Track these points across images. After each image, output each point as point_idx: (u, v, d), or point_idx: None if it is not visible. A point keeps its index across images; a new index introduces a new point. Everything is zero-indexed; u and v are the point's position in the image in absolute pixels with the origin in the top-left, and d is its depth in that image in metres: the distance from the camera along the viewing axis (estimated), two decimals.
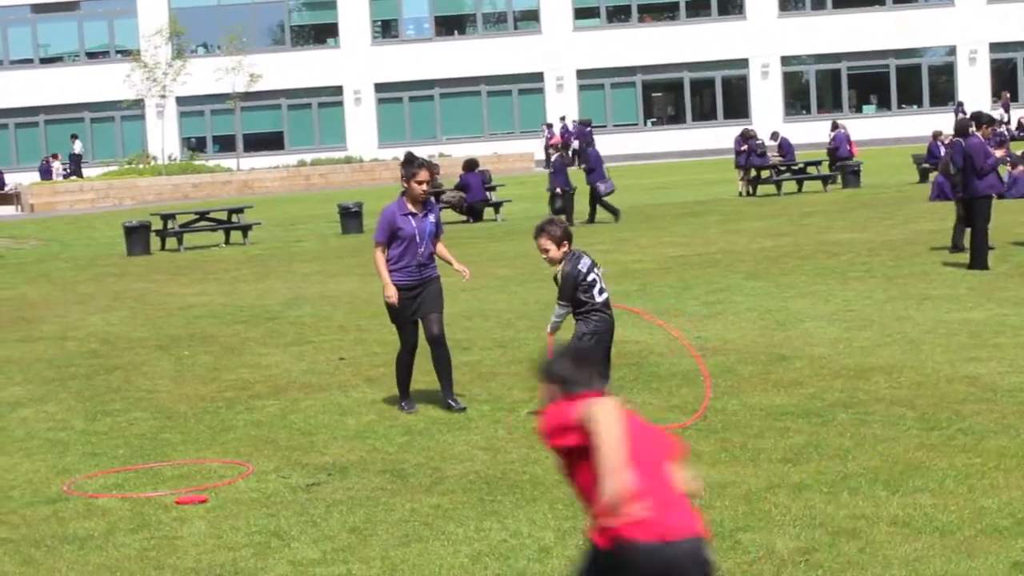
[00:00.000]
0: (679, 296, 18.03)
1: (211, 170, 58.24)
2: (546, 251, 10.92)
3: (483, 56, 65.37)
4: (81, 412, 12.82)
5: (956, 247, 20.78)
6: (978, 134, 20.05)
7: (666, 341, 14.75)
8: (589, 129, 53.78)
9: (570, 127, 61.86)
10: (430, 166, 12.03)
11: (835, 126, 42.02)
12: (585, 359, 5.40)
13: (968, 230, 19.88)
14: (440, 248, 12.11)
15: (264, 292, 22.26)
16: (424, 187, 11.82)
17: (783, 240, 24.55)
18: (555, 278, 11.00)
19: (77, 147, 62.86)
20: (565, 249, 10.88)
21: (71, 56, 68.22)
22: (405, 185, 11.89)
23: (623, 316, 16.62)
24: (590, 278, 10.80)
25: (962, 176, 19.70)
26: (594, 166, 32.26)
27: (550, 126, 63.03)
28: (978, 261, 19.10)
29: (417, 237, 11.79)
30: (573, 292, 10.75)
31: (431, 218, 11.95)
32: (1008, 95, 61.48)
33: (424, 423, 11.47)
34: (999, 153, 20.13)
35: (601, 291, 10.86)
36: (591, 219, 31.68)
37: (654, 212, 32.99)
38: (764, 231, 26.36)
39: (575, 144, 60.63)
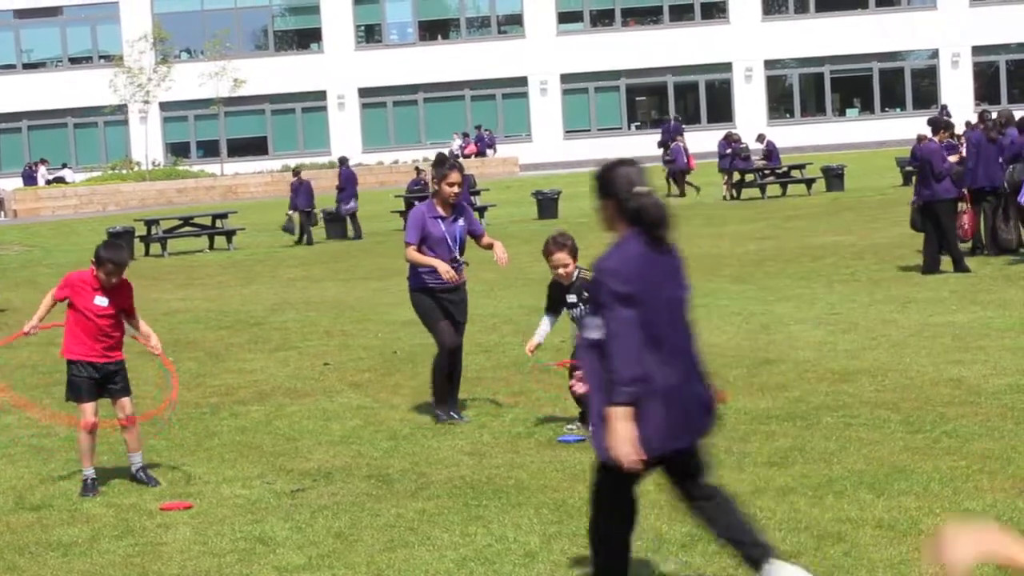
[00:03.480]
0: None
1: (195, 175, 58.19)
2: (565, 265, 10.57)
3: (467, 60, 65.38)
4: (65, 419, 12.77)
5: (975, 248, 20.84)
6: (935, 139, 20.14)
7: None
8: (681, 128, 53.48)
9: (485, 137, 62.17)
10: (461, 168, 11.73)
11: (674, 139, 42.65)
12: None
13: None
14: (486, 240, 11.97)
15: (248, 297, 22.23)
16: (455, 189, 11.49)
17: (767, 244, 24.58)
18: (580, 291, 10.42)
19: (67, 174, 62.48)
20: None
21: (54, 62, 68.08)
22: (436, 187, 11.60)
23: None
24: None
25: (919, 181, 19.76)
26: (344, 185, 34.56)
27: (465, 135, 63.14)
28: (959, 264, 19.14)
29: (448, 240, 11.58)
30: None
31: (461, 222, 11.69)
32: None
33: (409, 428, 11.46)
34: (953, 158, 20.36)
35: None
36: (357, 235, 33.86)
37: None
38: (748, 235, 26.40)
39: (488, 151, 60.87)
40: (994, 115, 21.97)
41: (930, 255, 19.29)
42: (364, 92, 66.24)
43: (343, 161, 36.72)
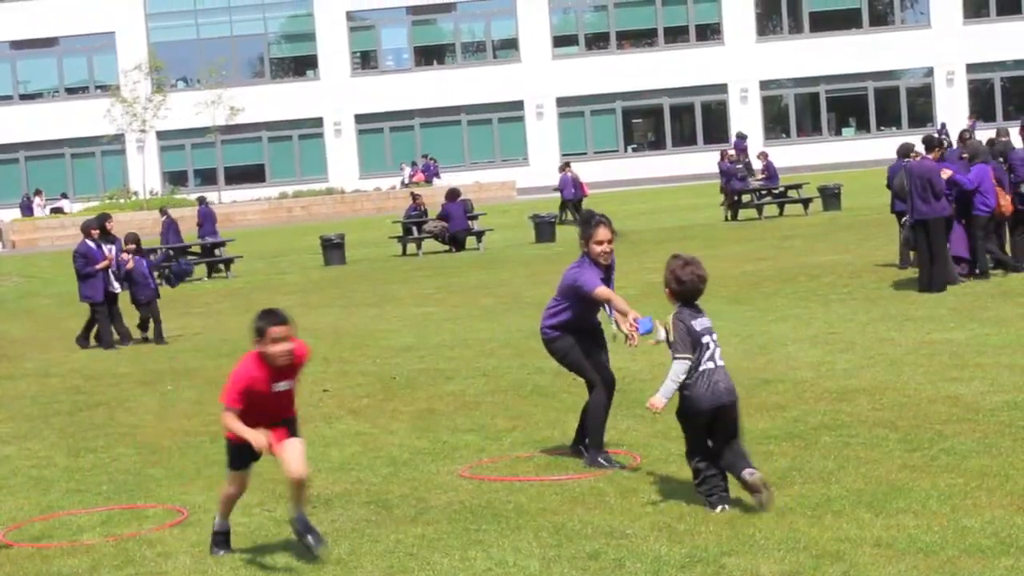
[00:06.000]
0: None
1: (192, 204, 58.19)
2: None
3: (463, 85, 65.55)
4: (64, 449, 12.79)
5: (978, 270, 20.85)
6: (930, 156, 20.17)
7: (649, 367, 14.76)
8: (745, 145, 54.20)
9: (431, 165, 62.05)
10: (610, 223, 10.53)
11: (563, 168, 43.47)
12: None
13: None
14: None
15: (247, 325, 22.21)
16: (605, 248, 10.42)
17: (764, 264, 24.60)
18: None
19: (65, 204, 62.44)
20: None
21: (51, 92, 68.24)
22: (584, 248, 10.51)
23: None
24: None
25: (913, 199, 19.65)
26: (202, 222, 36.01)
27: (413, 164, 63.23)
28: (939, 283, 19.11)
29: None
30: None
31: (612, 283, 10.68)
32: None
33: (408, 454, 11.46)
34: (945, 174, 20.47)
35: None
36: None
37: (636, 238, 33.02)
38: (745, 255, 26.42)
39: (434, 179, 60.57)
40: (976, 133, 22.08)
41: (926, 273, 19.32)
42: (360, 118, 66.39)
43: (201, 200, 38.77)
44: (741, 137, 56.19)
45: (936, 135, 24.41)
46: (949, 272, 19.53)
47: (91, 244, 21.09)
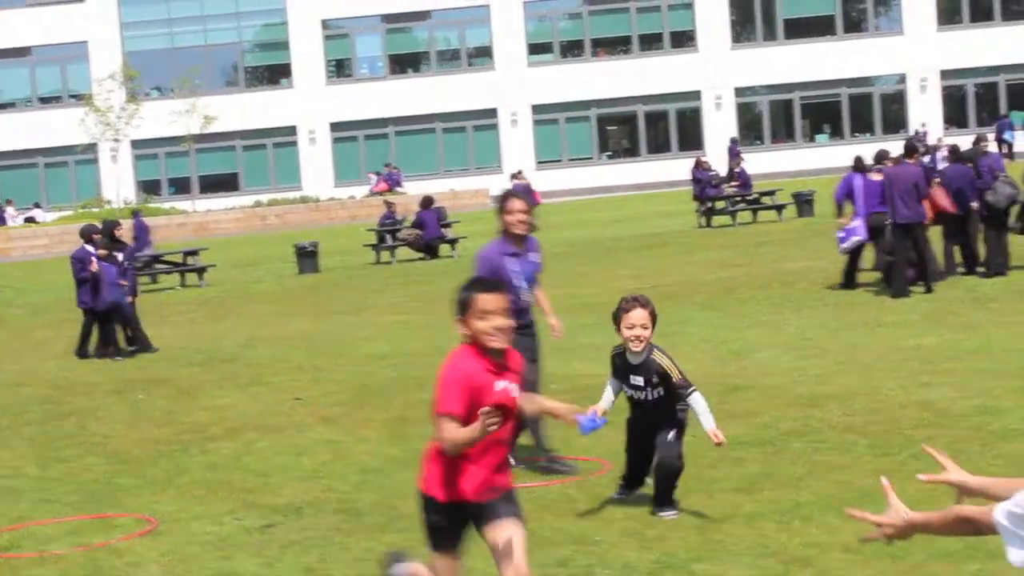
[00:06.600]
0: None
1: (166, 212, 58.11)
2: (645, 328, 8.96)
3: (437, 93, 65.54)
4: (34, 458, 12.74)
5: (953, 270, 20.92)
6: (909, 162, 20.29)
7: None
8: (738, 149, 54.56)
9: (394, 174, 62.01)
10: (523, 195, 10.41)
11: (515, 176, 43.93)
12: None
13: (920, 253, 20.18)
14: (539, 294, 10.66)
15: (220, 334, 22.18)
16: (518, 217, 10.25)
17: (738, 270, 24.64)
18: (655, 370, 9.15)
19: (37, 214, 62.13)
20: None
21: (24, 101, 68.00)
22: (500, 222, 10.46)
23: (579, 350, 16.68)
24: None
25: (895, 203, 19.71)
26: (138, 235, 36.05)
27: (378, 174, 63.22)
28: (932, 279, 19.31)
29: (516, 281, 10.28)
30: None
31: (532, 257, 10.48)
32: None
33: (379, 462, 11.44)
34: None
35: None
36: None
37: (611, 245, 33.07)
38: (719, 262, 26.46)
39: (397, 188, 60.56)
40: (930, 140, 22.32)
41: (900, 278, 19.38)
42: (335, 127, 66.34)
43: (136, 213, 39.57)
44: (734, 142, 56.62)
45: (914, 141, 24.54)
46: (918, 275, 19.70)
47: (90, 249, 21.00)
